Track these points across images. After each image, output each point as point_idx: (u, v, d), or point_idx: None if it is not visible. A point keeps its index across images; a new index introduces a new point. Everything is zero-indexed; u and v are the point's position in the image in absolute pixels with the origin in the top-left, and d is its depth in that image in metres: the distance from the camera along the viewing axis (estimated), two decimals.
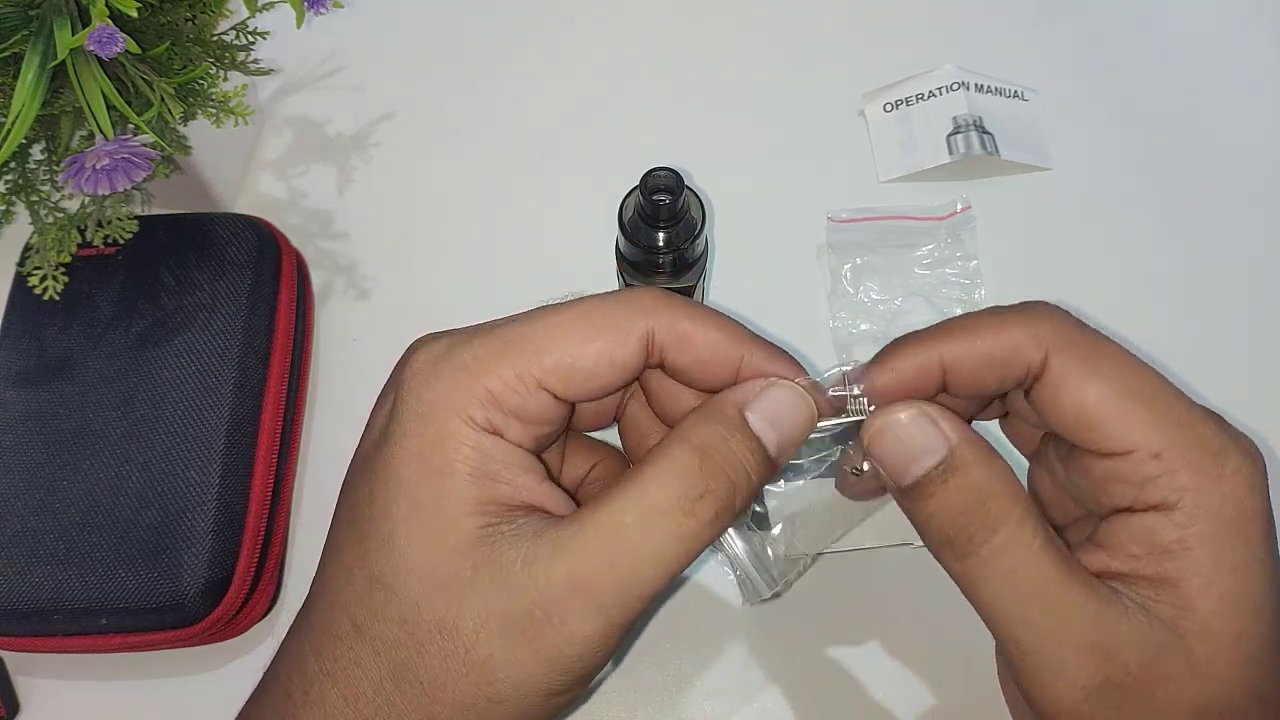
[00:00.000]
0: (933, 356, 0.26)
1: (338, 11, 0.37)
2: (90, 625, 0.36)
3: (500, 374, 0.25)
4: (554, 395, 0.26)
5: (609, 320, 0.26)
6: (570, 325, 0.26)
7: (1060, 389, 0.25)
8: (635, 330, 0.26)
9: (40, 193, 0.37)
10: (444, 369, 0.25)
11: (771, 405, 0.26)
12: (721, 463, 0.25)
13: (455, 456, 0.25)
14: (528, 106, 0.50)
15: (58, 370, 0.39)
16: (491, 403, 0.25)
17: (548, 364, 0.25)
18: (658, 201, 0.32)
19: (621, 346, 0.26)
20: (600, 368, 0.26)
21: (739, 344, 0.26)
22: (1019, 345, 0.25)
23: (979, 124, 0.47)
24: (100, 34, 0.31)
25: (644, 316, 0.26)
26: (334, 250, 0.47)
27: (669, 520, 0.24)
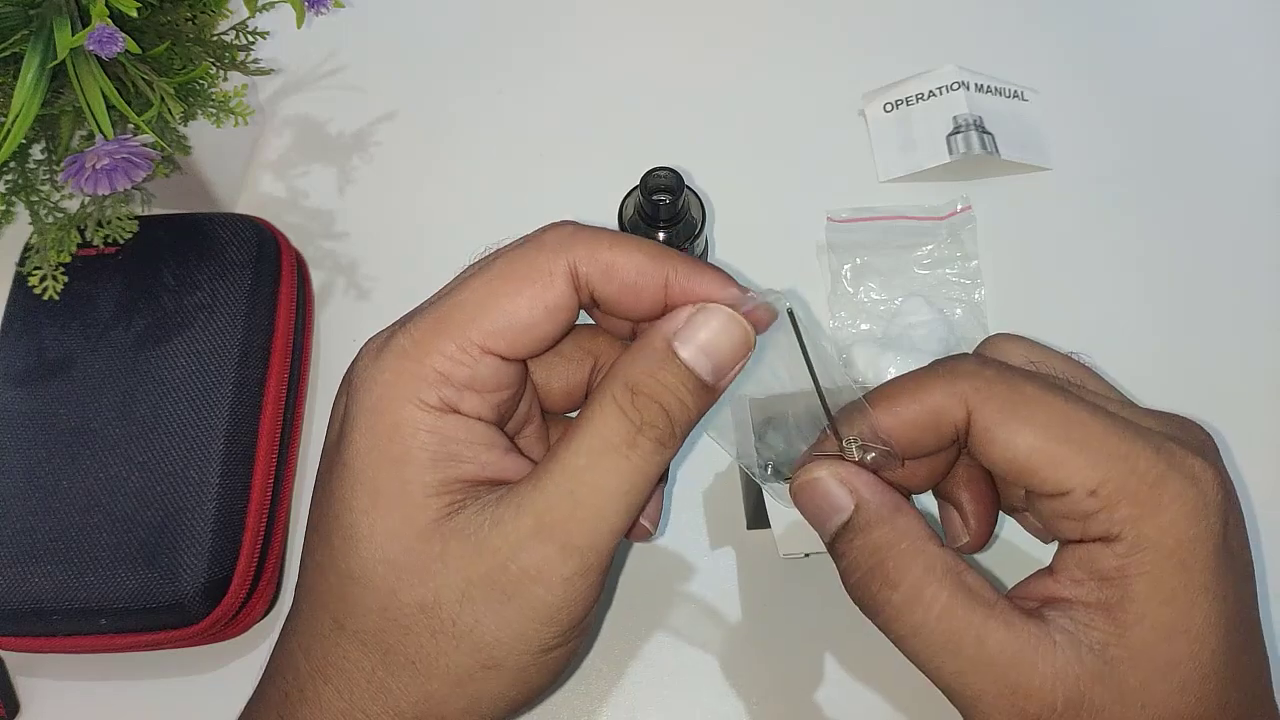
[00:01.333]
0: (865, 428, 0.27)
1: (338, 11, 0.37)
2: (90, 625, 0.36)
3: (442, 350, 0.25)
4: (500, 357, 0.26)
5: (532, 267, 0.26)
6: (496, 282, 0.26)
7: (989, 442, 0.26)
8: (559, 270, 0.26)
9: (40, 193, 0.37)
10: (386, 358, 0.25)
11: (699, 331, 0.25)
12: (653, 396, 0.25)
13: (413, 444, 0.25)
14: (528, 106, 0.50)
15: (58, 370, 0.39)
16: (440, 381, 0.25)
17: (486, 328, 0.25)
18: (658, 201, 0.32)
19: (549, 289, 0.25)
20: (536, 317, 0.25)
21: (662, 263, 0.26)
22: (940, 406, 0.26)
23: (979, 124, 0.47)
24: (100, 34, 0.31)
25: (564, 254, 0.26)
26: (334, 250, 0.47)
27: (616, 456, 0.24)
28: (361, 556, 0.24)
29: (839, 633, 0.38)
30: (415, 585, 0.24)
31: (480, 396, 0.26)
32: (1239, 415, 0.41)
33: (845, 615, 0.39)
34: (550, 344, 0.27)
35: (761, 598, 0.39)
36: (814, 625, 0.39)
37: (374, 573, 0.24)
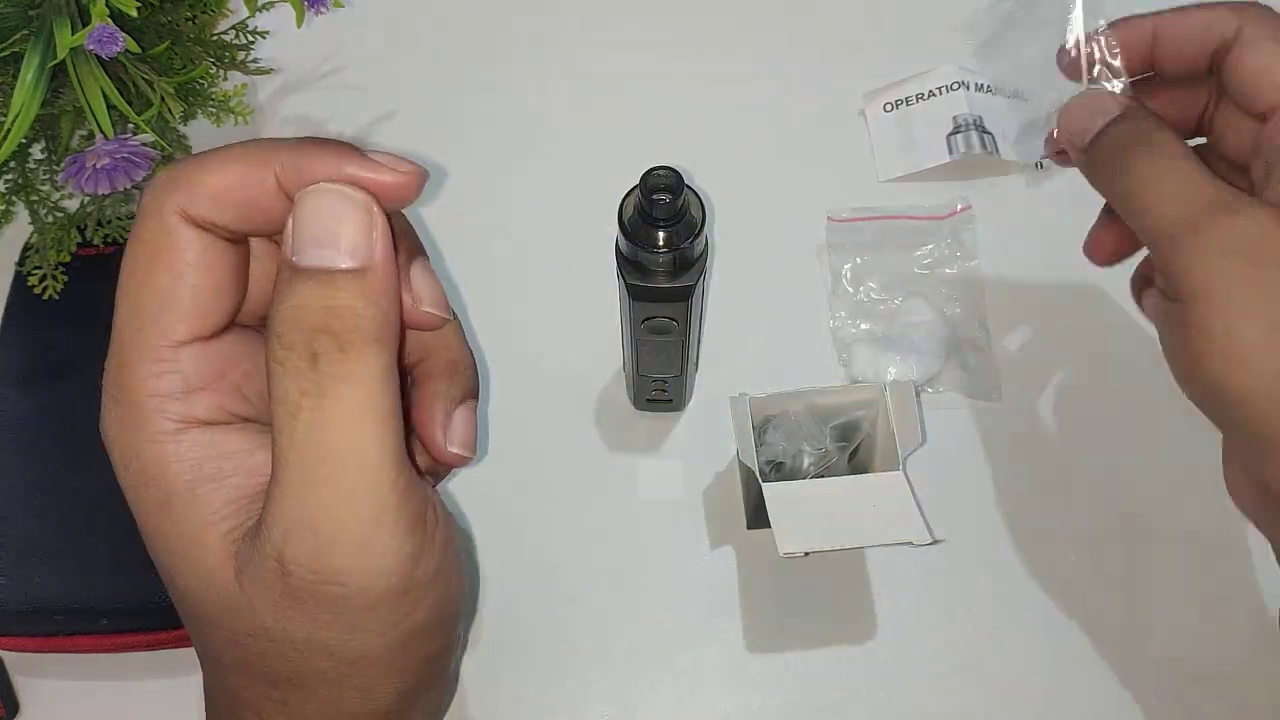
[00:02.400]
0: (1147, 25, 0.30)
1: (338, 11, 0.37)
2: (90, 625, 0.36)
3: (139, 374, 0.24)
4: (199, 340, 0.24)
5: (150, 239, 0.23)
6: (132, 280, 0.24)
7: (1246, 50, 0.28)
8: (172, 225, 0.23)
9: (40, 192, 0.37)
10: (105, 414, 0.25)
11: (301, 229, 0.22)
12: (296, 324, 0.22)
13: (165, 482, 0.23)
14: (528, 105, 0.50)
15: (57, 370, 0.39)
16: (161, 402, 0.23)
17: (155, 327, 0.24)
18: (658, 200, 0.32)
19: (177, 250, 0.23)
20: (193, 282, 0.23)
21: (262, 162, 0.23)
22: (1217, 18, 0.29)
23: (979, 124, 0.47)
24: (100, 33, 0.31)
25: (168, 206, 0.23)
26: None
27: (302, 416, 0.22)
28: (191, 603, 0.24)
29: (839, 632, 0.38)
30: (240, 618, 0.23)
31: (213, 390, 0.24)
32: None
33: (845, 614, 0.39)
34: (236, 294, 0.24)
35: (761, 597, 0.39)
36: (814, 625, 0.39)
37: (209, 615, 0.24)
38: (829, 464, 0.37)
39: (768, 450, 0.37)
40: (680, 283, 0.34)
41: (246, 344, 0.25)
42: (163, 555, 0.24)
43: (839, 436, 0.37)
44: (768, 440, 0.37)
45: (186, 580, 0.24)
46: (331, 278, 0.22)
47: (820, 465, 0.36)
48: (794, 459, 0.36)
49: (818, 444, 0.36)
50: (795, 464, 0.36)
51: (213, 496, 0.23)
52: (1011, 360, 0.43)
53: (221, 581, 0.23)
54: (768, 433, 0.37)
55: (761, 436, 0.37)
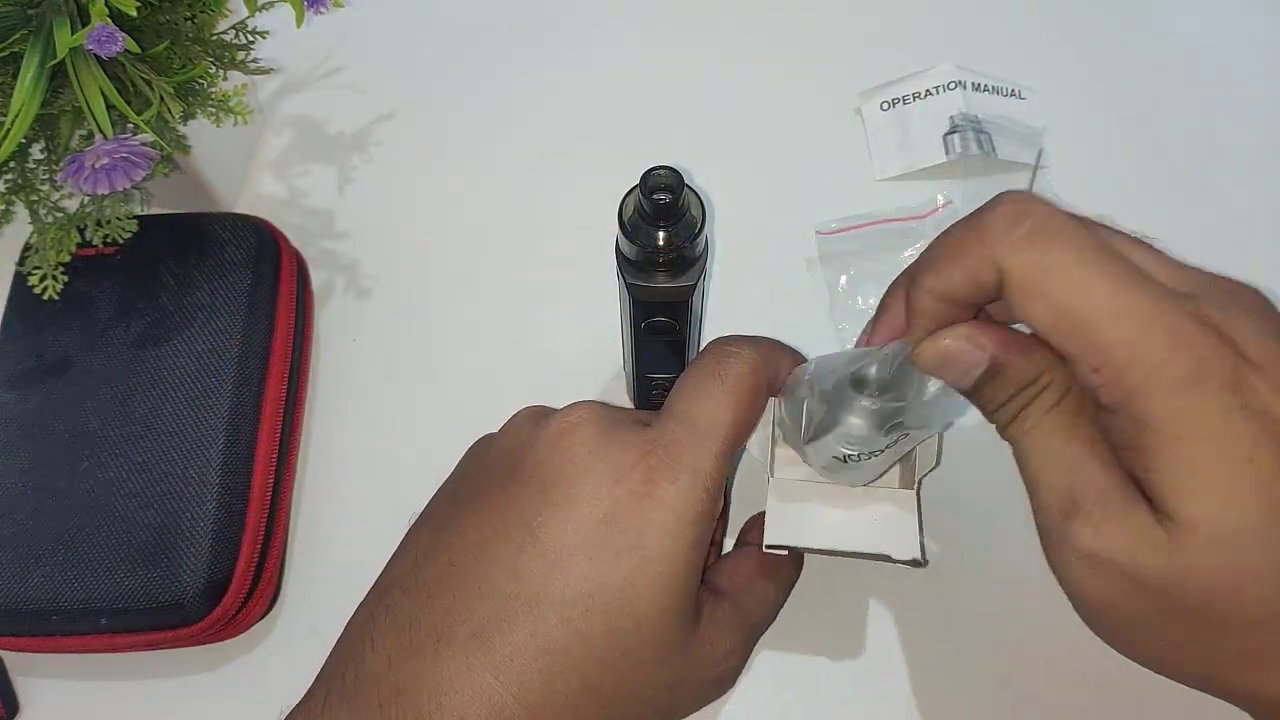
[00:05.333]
0: (926, 298, 0.28)
1: (338, 11, 0.37)
2: (90, 625, 0.36)
3: (720, 463, 0.30)
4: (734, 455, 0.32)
5: (753, 388, 0.32)
6: (738, 401, 0.31)
7: (1015, 309, 0.26)
8: (764, 388, 0.33)
9: (40, 192, 0.37)
10: (691, 476, 0.30)
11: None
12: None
13: (697, 556, 0.30)
14: (528, 106, 0.50)
15: (56, 370, 0.39)
16: (720, 490, 0.31)
17: (736, 437, 0.31)
18: (658, 200, 0.32)
19: (761, 403, 0.32)
20: (755, 418, 0.32)
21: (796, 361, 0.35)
22: (978, 271, 0.26)
23: (976, 123, 0.47)
24: (99, 33, 0.31)
25: (764, 373, 0.32)
26: (334, 250, 0.47)
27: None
28: (641, 637, 0.29)
29: (845, 640, 0.39)
30: (667, 669, 0.30)
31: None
32: None
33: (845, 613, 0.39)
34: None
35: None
36: (819, 631, 0.39)
37: (642, 653, 0.29)
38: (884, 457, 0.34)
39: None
40: (680, 283, 0.34)
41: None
42: (659, 595, 0.29)
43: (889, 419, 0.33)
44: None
45: (661, 628, 0.29)
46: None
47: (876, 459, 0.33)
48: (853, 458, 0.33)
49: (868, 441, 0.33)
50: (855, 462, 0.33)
51: (700, 572, 0.31)
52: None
53: (677, 640, 0.30)
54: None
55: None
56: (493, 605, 0.28)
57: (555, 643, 0.28)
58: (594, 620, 0.28)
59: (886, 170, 0.48)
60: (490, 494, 0.31)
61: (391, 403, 0.43)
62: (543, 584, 0.28)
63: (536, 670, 0.27)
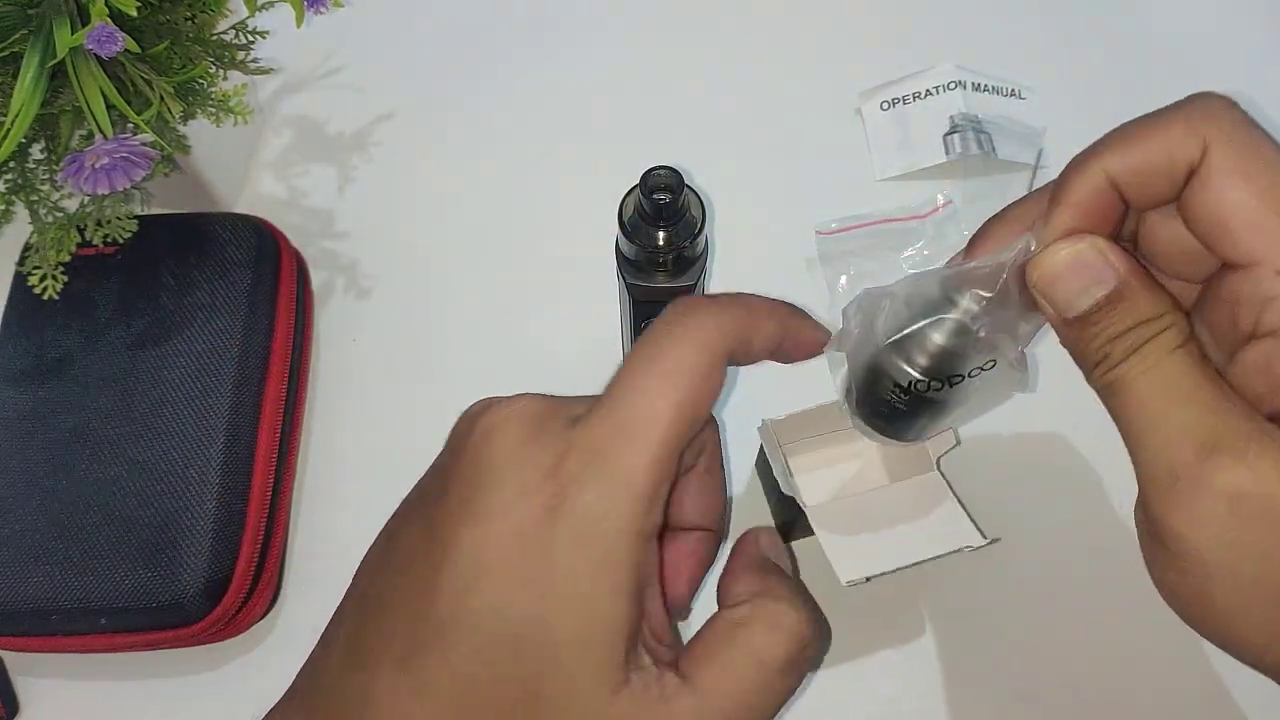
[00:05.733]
0: (1098, 174, 0.25)
1: (338, 11, 0.37)
2: (90, 625, 0.36)
3: (655, 470, 0.25)
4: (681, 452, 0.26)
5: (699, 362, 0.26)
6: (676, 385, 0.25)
7: (1205, 186, 0.23)
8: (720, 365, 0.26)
9: (40, 192, 0.37)
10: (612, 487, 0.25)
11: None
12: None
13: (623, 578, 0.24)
14: (528, 106, 0.50)
15: (57, 370, 0.39)
16: (656, 503, 0.25)
17: (679, 433, 0.25)
18: (658, 200, 0.32)
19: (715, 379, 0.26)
20: (708, 409, 0.26)
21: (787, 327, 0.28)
22: (1178, 145, 0.24)
23: (976, 123, 0.47)
24: (99, 33, 0.31)
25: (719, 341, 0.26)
26: (334, 250, 0.47)
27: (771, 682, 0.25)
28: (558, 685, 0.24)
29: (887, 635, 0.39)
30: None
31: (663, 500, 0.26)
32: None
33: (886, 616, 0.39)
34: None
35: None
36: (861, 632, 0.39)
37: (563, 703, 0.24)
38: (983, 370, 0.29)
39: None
40: (680, 283, 0.34)
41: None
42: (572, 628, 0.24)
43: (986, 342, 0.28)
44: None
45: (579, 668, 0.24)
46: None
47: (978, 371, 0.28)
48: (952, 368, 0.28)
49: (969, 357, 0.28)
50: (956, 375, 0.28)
51: (635, 606, 0.25)
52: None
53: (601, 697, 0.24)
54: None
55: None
56: (414, 628, 0.26)
57: (467, 674, 0.25)
58: (503, 654, 0.25)
59: (886, 170, 0.48)
60: (425, 500, 0.28)
61: (391, 403, 0.43)
62: (455, 608, 0.25)
63: (451, 702, 0.25)
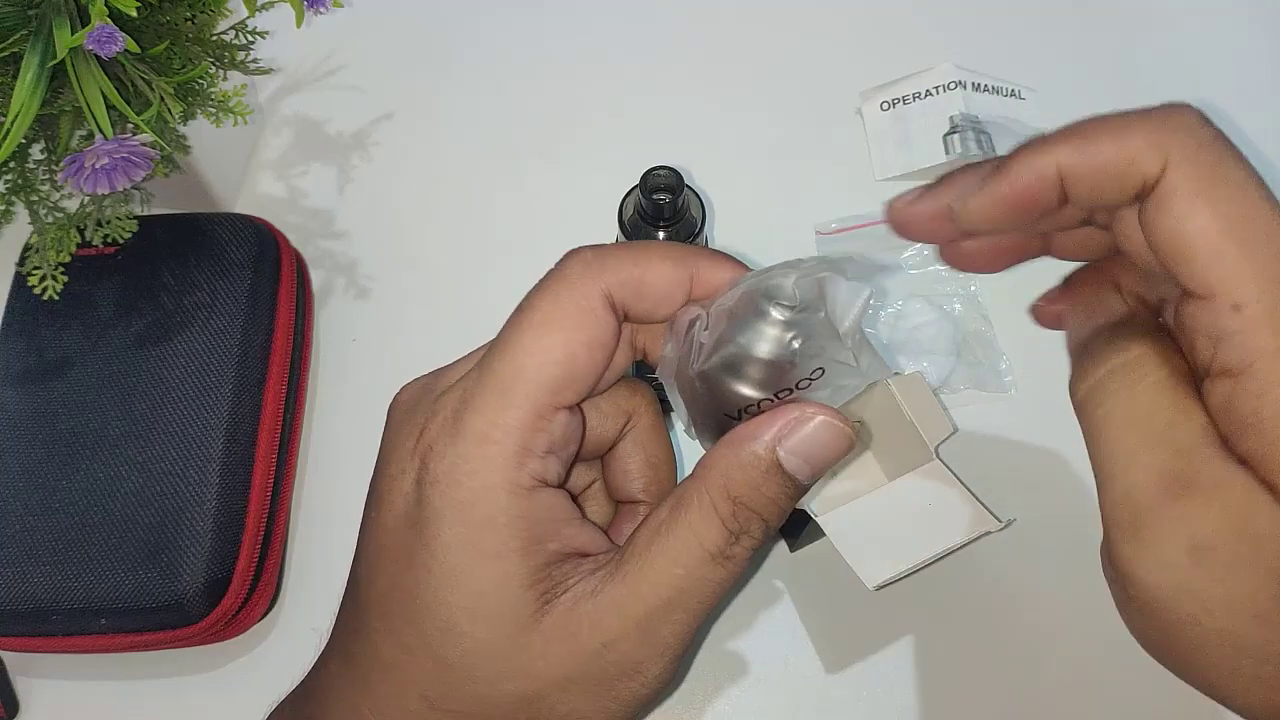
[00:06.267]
0: (1049, 164, 0.23)
1: (338, 11, 0.37)
2: (89, 625, 0.36)
3: (521, 424, 0.24)
4: (569, 409, 0.25)
5: (574, 308, 0.25)
6: (545, 333, 0.25)
7: (1163, 208, 0.22)
8: (597, 302, 0.25)
9: (40, 192, 0.37)
10: (466, 445, 0.24)
11: (807, 443, 0.25)
12: (756, 508, 0.25)
13: (507, 536, 0.24)
14: (527, 106, 0.50)
15: (57, 370, 0.39)
16: (526, 456, 0.25)
17: (553, 385, 0.25)
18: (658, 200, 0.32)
19: (596, 326, 0.25)
20: (593, 358, 0.25)
21: (686, 265, 0.26)
22: (1137, 154, 0.22)
23: (976, 123, 0.47)
24: (99, 33, 0.31)
25: (596, 283, 0.25)
26: (334, 250, 0.47)
27: (713, 566, 0.25)
28: (463, 648, 0.24)
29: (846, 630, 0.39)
30: (518, 678, 0.24)
31: (557, 457, 0.26)
32: None
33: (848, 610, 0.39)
34: (602, 375, 0.26)
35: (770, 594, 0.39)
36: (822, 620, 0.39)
37: (475, 664, 0.24)
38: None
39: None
40: None
41: (579, 420, 0.27)
42: (466, 600, 0.24)
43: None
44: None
45: (480, 631, 0.24)
46: (793, 487, 0.25)
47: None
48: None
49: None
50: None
51: (535, 559, 0.25)
52: (1020, 351, 0.43)
53: (519, 642, 0.24)
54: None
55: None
56: (348, 617, 0.27)
57: (386, 656, 0.25)
58: (410, 630, 0.25)
59: (886, 170, 0.48)
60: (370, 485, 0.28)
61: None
62: (366, 591, 0.26)
63: (383, 687, 0.26)
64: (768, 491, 0.25)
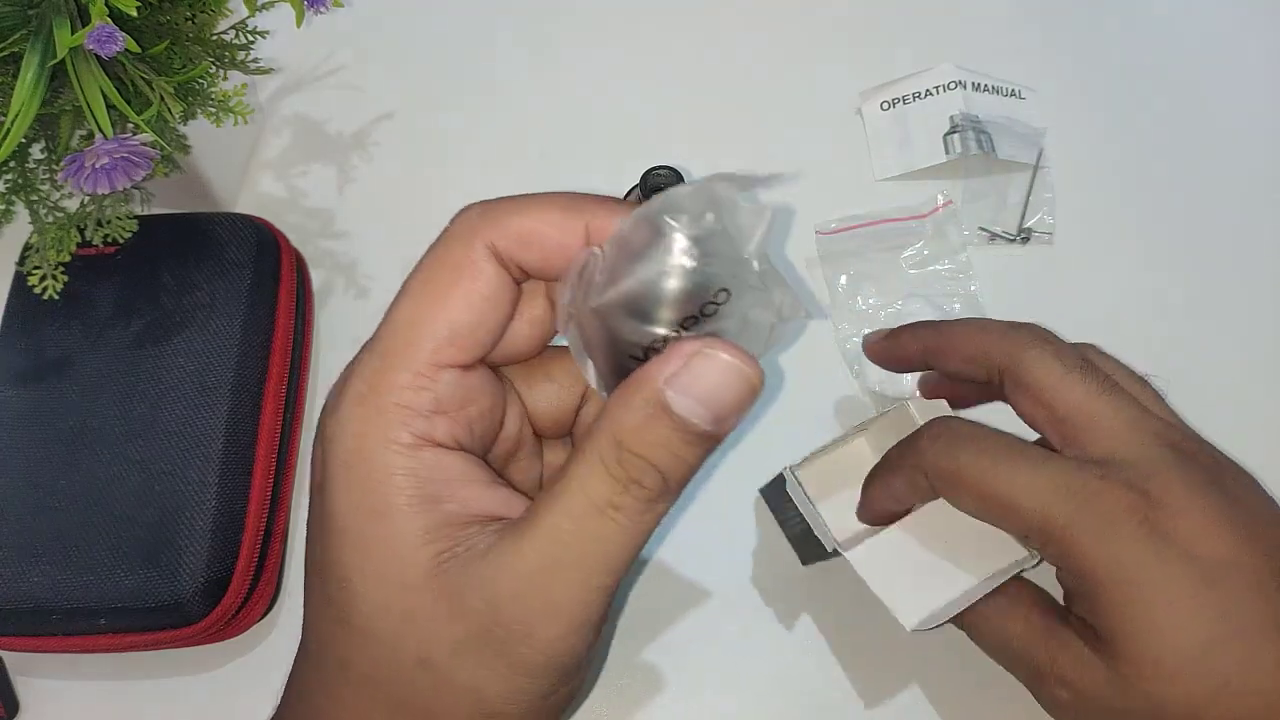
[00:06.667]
0: (917, 347, 0.34)
1: (338, 11, 0.37)
2: (89, 625, 0.36)
3: (398, 382, 0.24)
4: (459, 367, 0.25)
5: (454, 263, 0.24)
6: (425, 292, 0.24)
7: (1015, 396, 0.32)
8: (479, 255, 0.24)
9: (40, 192, 0.37)
10: (347, 407, 0.24)
11: (700, 382, 0.22)
12: (643, 454, 0.23)
13: (391, 493, 0.24)
14: (528, 105, 0.50)
15: (57, 369, 0.39)
16: (407, 415, 0.24)
17: (432, 343, 0.24)
18: None
19: (478, 279, 0.24)
20: (477, 312, 0.24)
21: (578, 213, 0.24)
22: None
23: (976, 123, 0.47)
24: (100, 33, 0.31)
25: (478, 237, 0.24)
26: (334, 250, 0.47)
27: (601, 519, 0.23)
28: (360, 610, 0.24)
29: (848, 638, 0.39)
30: (411, 641, 0.24)
31: (451, 418, 0.25)
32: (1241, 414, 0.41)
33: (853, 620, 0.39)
34: (502, 332, 0.25)
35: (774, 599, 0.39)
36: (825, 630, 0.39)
37: (373, 626, 0.24)
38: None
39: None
40: None
41: (487, 383, 0.26)
42: (355, 558, 0.24)
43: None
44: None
45: (372, 590, 0.24)
46: (695, 436, 0.23)
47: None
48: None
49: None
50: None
51: (427, 517, 0.24)
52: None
53: (413, 602, 0.24)
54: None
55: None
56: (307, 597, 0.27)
57: (309, 624, 0.26)
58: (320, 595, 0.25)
59: (886, 170, 0.48)
60: None
61: None
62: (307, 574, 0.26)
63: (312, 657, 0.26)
64: (653, 436, 0.22)
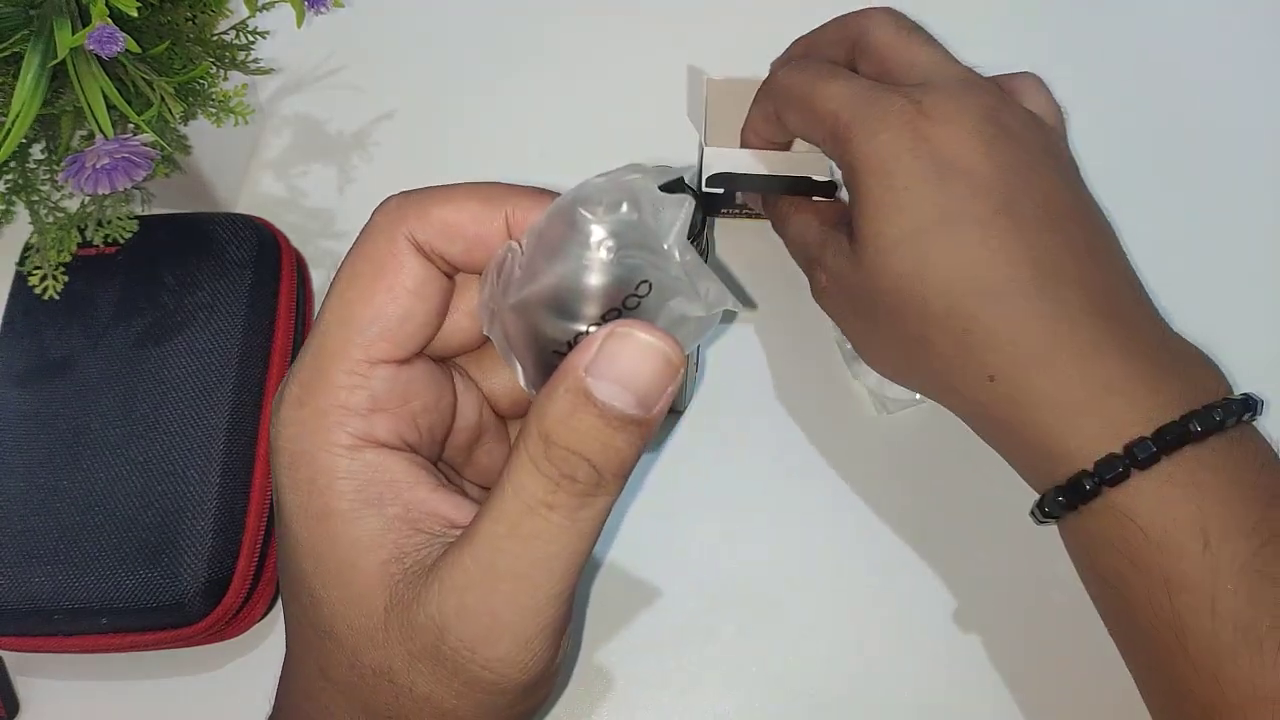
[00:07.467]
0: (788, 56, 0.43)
1: (338, 11, 0.37)
2: (90, 625, 0.36)
3: (332, 382, 0.24)
4: (394, 362, 0.24)
5: (375, 258, 0.24)
6: (349, 289, 0.24)
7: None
8: (400, 248, 0.24)
9: (40, 192, 0.37)
10: (284, 411, 0.24)
11: (619, 366, 0.21)
12: (570, 446, 0.22)
13: (332, 496, 0.23)
14: (528, 106, 0.50)
15: (57, 370, 0.39)
16: (343, 415, 0.23)
17: (362, 340, 0.24)
18: None
19: (400, 272, 0.24)
20: (404, 306, 0.24)
21: (498, 204, 0.24)
22: (844, 26, 0.40)
23: None
24: (100, 33, 0.31)
25: (398, 230, 0.24)
26: (334, 250, 0.47)
27: (535, 519, 0.22)
28: (325, 616, 0.24)
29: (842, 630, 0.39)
30: (370, 650, 0.23)
31: (393, 415, 0.24)
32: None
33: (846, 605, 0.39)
34: (436, 325, 0.25)
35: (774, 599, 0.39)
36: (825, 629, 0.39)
37: (338, 631, 0.24)
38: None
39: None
40: None
41: (430, 376, 0.26)
42: (309, 564, 0.24)
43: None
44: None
45: (330, 593, 0.24)
46: (621, 422, 0.22)
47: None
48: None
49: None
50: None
51: (372, 521, 0.23)
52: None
53: (366, 609, 0.23)
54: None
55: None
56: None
57: (290, 632, 0.26)
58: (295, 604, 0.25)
59: None
60: None
61: None
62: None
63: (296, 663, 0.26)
64: (579, 425, 0.21)
